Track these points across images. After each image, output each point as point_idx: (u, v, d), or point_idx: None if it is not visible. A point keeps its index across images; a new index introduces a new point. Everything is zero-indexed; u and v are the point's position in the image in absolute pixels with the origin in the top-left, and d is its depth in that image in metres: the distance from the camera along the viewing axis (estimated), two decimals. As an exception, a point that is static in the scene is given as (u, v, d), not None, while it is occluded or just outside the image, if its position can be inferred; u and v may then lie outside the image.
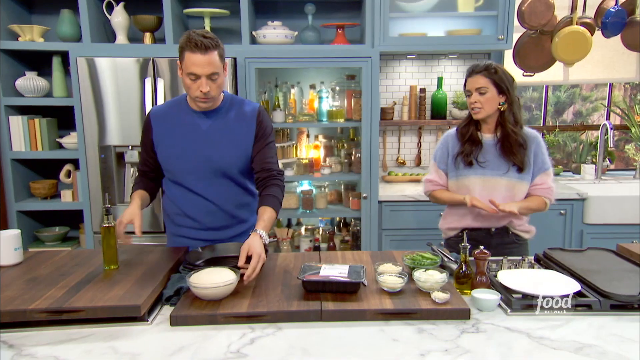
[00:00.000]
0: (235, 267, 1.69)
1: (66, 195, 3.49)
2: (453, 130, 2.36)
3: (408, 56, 3.77)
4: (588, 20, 3.64)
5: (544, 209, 2.26)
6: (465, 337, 1.40)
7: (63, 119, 3.62)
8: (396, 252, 2.04)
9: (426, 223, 3.36)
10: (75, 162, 3.53)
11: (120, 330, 1.46)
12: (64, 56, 3.48)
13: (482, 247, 1.65)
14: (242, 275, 1.65)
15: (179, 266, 1.86)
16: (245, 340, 1.40)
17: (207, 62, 1.81)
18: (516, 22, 3.45)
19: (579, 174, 4.03)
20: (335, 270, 1.66)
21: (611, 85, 4.37)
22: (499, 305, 1.58)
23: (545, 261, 1.91)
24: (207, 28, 3.48)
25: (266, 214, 1.92)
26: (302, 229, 3.67)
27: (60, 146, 3.54)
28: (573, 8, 3.58)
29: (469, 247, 1.71)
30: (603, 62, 4.01)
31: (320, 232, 3.60)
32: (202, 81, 1.83)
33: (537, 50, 3.67)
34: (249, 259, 1.69)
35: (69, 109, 3.53)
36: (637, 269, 1.78)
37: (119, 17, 3.42)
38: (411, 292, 1.62)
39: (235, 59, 3.14)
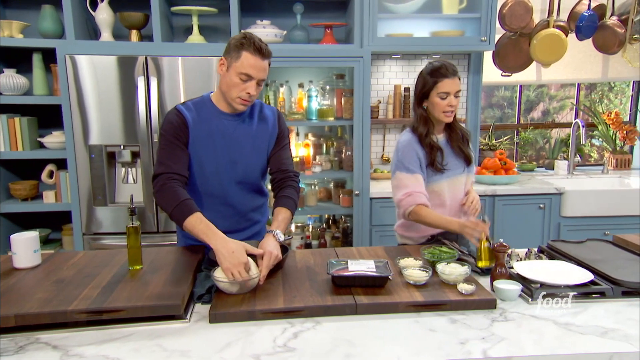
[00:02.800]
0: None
1: (49, 197, 3.40)
2: (411, 136, 2.22)
3: (393, 56, 3.86)
4: (562, 24, 3.83)
5: None
6: (496, 325, 1.49)
7: (42, 118, 3.53)
8: (409, 247, 2.12)
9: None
10: (57, 162, 3.45)
11: (161, 329, 1.47)
12: (45, 53, 3.40)
13: (501, 240, 1.74)
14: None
15: (200, 265, 1.87)
16: (288, 335, 1.44)
17: (263, 67, 1.85)
18: (496, 24, 3.59)
19: (552, 169, 4.23)
20: (363, 266, 1.71)
21: (579, 85, 4.60)
22: (519, 295, 1.68)
23: (550, 252, 2.03)
24: (195, 26, 3.47)
25: (281, 214, 1.96)
26: (292, 227, 3.71)
27: (41, 146, 3.45)
28: (550, 12, 3.76)
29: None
30: (572, 63, 4.22)
31: (310, 229, 3.65)
32: (252, 84, 1.85)
33: (515, 51, 3.83)
34: None
35: (49, 107, 3.45)
36: (637, 257, 1.92)
37: (103, 14, 3.36)
38: (435, 285, 1.70)
39: (228, 57, 3.14)
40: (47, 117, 3.53)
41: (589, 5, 3.79)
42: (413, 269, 1.73)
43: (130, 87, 3.07)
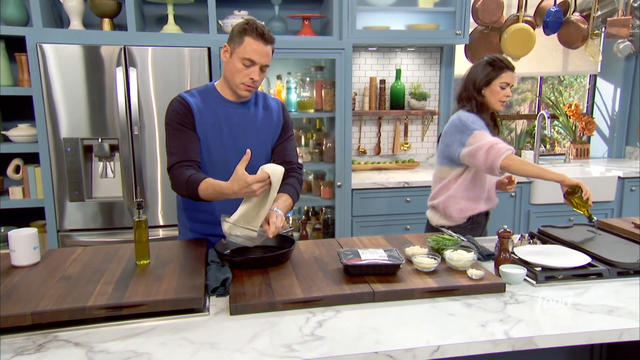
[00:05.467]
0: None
1: (15, 192, 3.25)
2: (473, 114, 2.33)
3: (369, 48, 3.90)
4: (529, 19, 3.98)
5: None
6: (510, 307, 1.55)
7: (5, 110, 3.36)
8: (408, 236, 2.16)
9: (393, 209, 3.53)
10: (23, 157, 3.29)
11: (182, 323, 1.45)
12: (7, 41, 3.23)
13: (505, 226, 1.81)
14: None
15: (207, 257, 1.85)
16: (313, 324, 1.45)
17: (266, 52, 1.85)
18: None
19: (519, 159, 4.39)
20: (375, 254, 1.74)
21: (541, 79, 4.79)
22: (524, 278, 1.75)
23: (542, 237, 2.13)
24: (170, 15, 3.39)
25: (282, 198, 1.97)
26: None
27: (5, 139, 3.29)
28: (519, 7, 3.90)
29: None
30: (535, 57, 4.38)
31: (291, 221, 3.65)
32: (255, 69, 1.85)
33: (486, 45, 3.95)
34: None
35: (12, 99, 3.29)
36: (622, 240, 2.04)
37: (73, 1, 3.23)
38: (444, 271, 1.75)
39: (209, 48, 3.09)
40: (11, 110, 3.37)
41: (555, 1, 3.95)
42: (421, 256, 1.78)
43: (104, 77, 2.96)
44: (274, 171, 1.71)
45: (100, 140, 3.00)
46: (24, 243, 1.69)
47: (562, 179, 2.17)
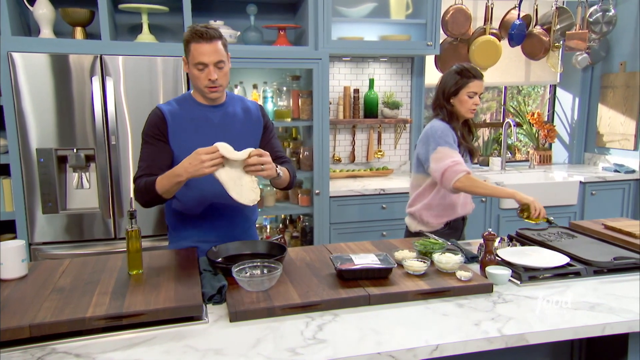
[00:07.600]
0: (273, 260, 1.78)
1: (-18, 205, 3.15)
2: (446, 124, 2.39)
3: (343, 58, 3.97)
4: (495, 31, 4.14)
5: None
6: (499, 307, 1.61)
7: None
8: (394, 241, 2.22)
9: (370, 215, 3.60)
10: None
11: (183, 331, 1.45)
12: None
13: (490, 229, 1.88)
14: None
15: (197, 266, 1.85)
16: (313, 328, 1.47)
17: (212, 50, 1.86)
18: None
19: (487, 165, 4.55)
20: (367, 259, 1.79)
21: (506, 88, 4.98)
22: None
23: (520, 239, 2.22)
24: (145, 25, 3.37)
25: (281, 166, 2.03)
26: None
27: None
28: (485, 20, 4.05)
29: None
30: (500, 68, 4.55)
31: (269, 230, 3.66)
32: (210, 69, 1.88)
33: (455, 55, 4.08)
34: None
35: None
36: (594, 240, 2.16)
37: (43, 9, 3.17)
38: (433, 274, 1.80)
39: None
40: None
41: (519, 14, 4.12)
42: (411, 260, 1.83)
43: (77, 87, 2.91)
44: (223, 145, 1.75)
45: (75, 150, 2.94)
46: (12, 255, 1.65)
47: (514, 196, 2.24)
